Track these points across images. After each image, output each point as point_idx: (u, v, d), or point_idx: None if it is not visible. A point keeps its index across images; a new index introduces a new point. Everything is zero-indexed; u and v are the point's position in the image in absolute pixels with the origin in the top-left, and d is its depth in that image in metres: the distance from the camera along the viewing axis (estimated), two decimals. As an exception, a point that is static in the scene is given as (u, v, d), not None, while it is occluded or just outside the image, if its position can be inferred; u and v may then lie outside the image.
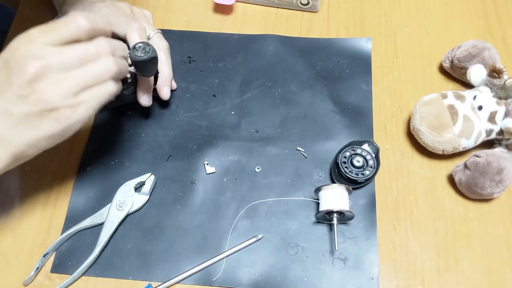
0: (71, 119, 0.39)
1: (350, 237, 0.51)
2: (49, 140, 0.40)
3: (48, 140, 0.40)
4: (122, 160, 0.55)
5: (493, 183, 0.48)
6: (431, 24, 0.65)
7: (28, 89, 0.37)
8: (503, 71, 0.50)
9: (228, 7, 0.67)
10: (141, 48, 0.46)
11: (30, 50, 0.37)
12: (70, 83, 0.38)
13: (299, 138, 0.57)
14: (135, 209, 0.52)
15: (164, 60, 0.53)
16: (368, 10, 0.67)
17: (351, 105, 0.59)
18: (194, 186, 0.54)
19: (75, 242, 0.51)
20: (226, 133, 0.57)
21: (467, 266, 0.49)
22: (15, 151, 0.39)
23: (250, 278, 0.49)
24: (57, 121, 0.39)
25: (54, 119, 0.38)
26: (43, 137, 0.39)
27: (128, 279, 0.49)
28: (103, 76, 0.41)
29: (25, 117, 0.38)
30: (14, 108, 0.37)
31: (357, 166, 0.51)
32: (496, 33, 0.64)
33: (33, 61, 0.37)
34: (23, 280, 0.48)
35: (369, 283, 0.48)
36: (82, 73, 0.39)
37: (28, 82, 0.37)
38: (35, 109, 0.38)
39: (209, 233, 0.51)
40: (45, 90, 0.37)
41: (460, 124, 0.50)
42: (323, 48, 0.63)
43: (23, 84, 0.37)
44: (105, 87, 0.41)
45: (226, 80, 0.61)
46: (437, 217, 0.52)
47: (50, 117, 0.38)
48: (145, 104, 0.54)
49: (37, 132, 0.39)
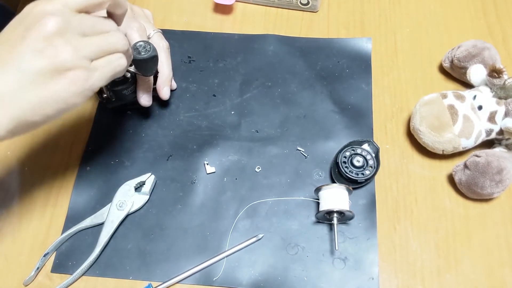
0: (85, 84, 0.37)
1: (350, 237, 0.51)
2: (57, 105, 0.37)
3: (56, 106, 0.37)
4: (122, 160, 0.55)
5: (493, 183, 0.48)
6: (431, 24, 0.65)
7: (44, 43, 0.35)
8: (503, 71, 0.50)
9: (228, 7, 0.67)
10: (141, 47, 0.46)
11: (49, 7, 0.36)
12: (87, 46, 0.38)
13: (299, 138, 0.57)
14: (135, 209, 0.52)
15: (164, 60, 0.53)
16: (368, 10, 0.67)
17: (351, 105, 0.59)
18: (194, 186, 0.54)
19: (75, 242, 0.51)
20: (226, 133, 0.57)
21: (467, 266, 0.49)
22: (21, 114, 0.36)
23: (250, 278, 0.49)
24: (71, 83, 0.37)
25: (68, 80, 0.36)
26: (52, 100, 0.36)
27: (129, 279, 0.49)
28: (117, 47, 0.40)
29: (37, 73, 0.35)
30: (27, 63, 0.35)
31: (357, 166, 0.51)
32: (496, 33, 0.64)
33: (52, 17, 0.35)
34: (23, 280, 0.48)
35: (369, 283, 0.48)
36: (99, 39, 0.39)
37: (46, 37, 0.35)
38: (49, 66, 0.35)
39: (209, 233, 0.51)
40: (62, 46, 0.36)
41: (460, 124, 0.50)
42: (323, 48, 0.63)
43: (40, 38, 0.35)
44: (118, 59, 0.40)
45: (226, 80, 0.61)
46: (437, 217, 0.52)
47: (64, 77, 0.36)
48: (145, 104, 0.54)
49: (47, 92, 0.36)
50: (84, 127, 0.58)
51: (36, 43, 0.35)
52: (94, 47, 0.38)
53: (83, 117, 0.59)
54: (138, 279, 0.49)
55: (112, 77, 0.40)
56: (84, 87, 0.38)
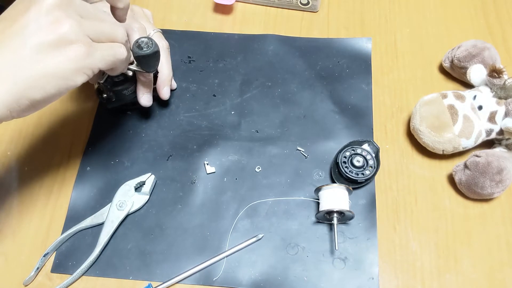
0: (85, 60, 0.37)
1: (350, 237, 0.51)
2: (57, 82, 0.36)
3: (56, 82, 0.36)
4: (122, 160, 0.55)
5: (493, 183, 0.48)
6: (431, 24, 0.65)
7: (47, 17, 0.35)
8: (503, 71, 0.50)
9: (228, 7, 0.67)
10: (143, 42, 0.46)
11: None
12: (89, 26, 0.38)
13: (299, 138, 0.57)
14: (135, 209, 0.52)
15: (164, 59, 0.53)
16: (368, 10, 0.67)
17: (351, 105, 0.59)
18: (194, 186, 0.54)
19: (75, 242, 0.51)
20: (226, 133, 0.57)
21: (467, 266, 0.49)
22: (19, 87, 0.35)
23: (250, 278, 0.49)
24: (72, 58, 0.36)
25: (69, 54, 0.36)
26: (52, 75, 0.36)
27: (129, 279, 0.49)
28: (117, 36, 0.40)
29: (37, 45, 0.35)
30: (28, 36, 0.35)
31: (357, 166, 0.51)
32: (496, 33, 0.64)
33: None
34: (23, 280, 0.48)
35: (369, 283, 0.48)
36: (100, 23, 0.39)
37: (48, 10, 0.35)
38: (51, 38, 0.35)
39: (209, 233, 0.51)
40: (65, 19, 0.35)
41: (460, 124, 0.50)
42: (323, 48, 0.63)
43: (42, 12, 0.35)
44: (119, 47, 0.40)
45: (226, 80, 0.61)
46: (437, 217, 0.52)
47: (65, 50, 0.36)
48: (145, 105, 0.53)
49: (47, 67, 0.35)
50: (84, 127, 0.58)
51: (38, 16, 0.35)
52: (97, 28, 0.38)
53: (83, 117, 0.59)
54: (138, 279, 0.49)
55: (112, 64, 0.40)
56: (84, 63, 0.37)
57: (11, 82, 0.35)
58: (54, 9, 0.36)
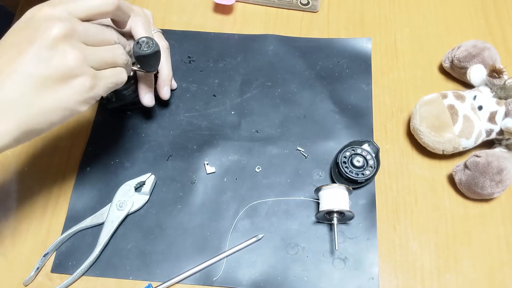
0: (90, 92, 0.38)
1: (350, 237, 0.51)
2: (62, 113, 0.37)
3: (61, 113, 0.37)
4: (122, 160, 0.55)
5: (493, 183, 0.48)
6: (431, 24, 0.65)
7: (51, 50, 0.35)
8: (503, 71, 0.50)
9: (228, 7, 0.67)
10: (144, 42, 0.46)
11: (54, 12, 0.36)
12: (93, 55, 0.38)
13: (299, 138, 0.57)
14: (135, 209, 0.52)
15: (164, 59, 0.53)
16: (368, 10, 0.67)
17: (351, 105, 0.59)
18: (194, 186, 0.54)
19: (75, 242, 0.51)
20: (226, 133, 0.57)
21: (467, 266, 0.49)
22: (26, 121, 0.36)
23: (250, 278, 0.49)
24: (77, 91, 0.37)
25: (74, 87, 0.37)
26: (58, 107, 0.37)
27: (129, 279, 0.49)
28: (118, 60, 0.41)
29: (44, 80, 0.35)
30: (34, 70, 0.35)
31: (357, 166, 0.51)
32: (496, 33, 0.64)
33: (58, 22, 0.35)
34: (23, 280, 0.48)
35: (369, 283, 0.48)
36: (103, 50, 0.39)
37: (52, 43, 0.35)
38: (56, 73, 0.36)
39: (209, 233, 0.51)
40: (69, 53, 0.36)
41: (460, 124, 0.50)
42: (323, 48, 0.63)
43: (47, 45, 0.35)
44: (121, 72, 0.41)
45: (226, 80, 0.61)
46: (437, 217, 0.52)
47: (71, 83, 0.36)
48: (148, 104, 0.53)
49: (53, 100, 0.36)
50: (84, 128, 0.58)
51: (42, 50, 0.35)
52: (99, 57, 0.39)
53: (83, 118, 0.59)
54: (138, 279, 0.49)
55: (113, 89, 0.41)
56: (89, 95, 0.38)
57: (19, 116, 0.35)
58: (58, 41, 0.36)
